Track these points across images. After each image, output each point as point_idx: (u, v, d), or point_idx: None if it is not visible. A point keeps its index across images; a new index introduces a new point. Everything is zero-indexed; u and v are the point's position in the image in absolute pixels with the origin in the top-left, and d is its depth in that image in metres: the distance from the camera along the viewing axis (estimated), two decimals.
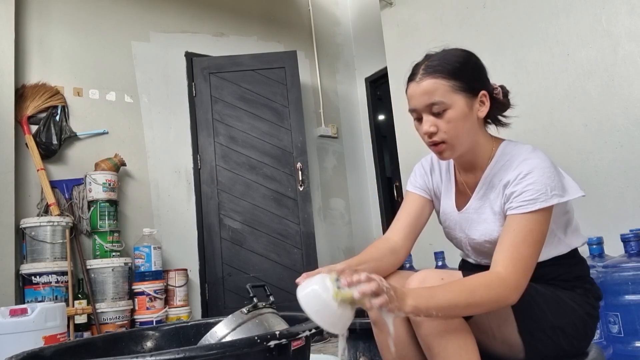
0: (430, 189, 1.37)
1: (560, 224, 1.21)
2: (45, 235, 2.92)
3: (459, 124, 1.15)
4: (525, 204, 1.09)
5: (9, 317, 2.19)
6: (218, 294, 3.66)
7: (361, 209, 4.64)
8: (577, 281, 1.22)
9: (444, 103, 1.14)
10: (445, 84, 1.14)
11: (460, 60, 1.18)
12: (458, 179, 1.32)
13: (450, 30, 3.25)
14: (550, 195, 1.08)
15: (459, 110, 1.15)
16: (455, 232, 1.32)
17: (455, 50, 1.22)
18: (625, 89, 2.42)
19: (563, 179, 1.15)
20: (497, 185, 1.19)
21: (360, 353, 1.63)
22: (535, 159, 1.13)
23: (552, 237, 1.19)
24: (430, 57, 1.21)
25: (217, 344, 1.09)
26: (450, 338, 1.07)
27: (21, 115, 3.15)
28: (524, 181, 1.11)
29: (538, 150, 1.17)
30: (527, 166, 1.12)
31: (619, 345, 1.87)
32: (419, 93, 1.16)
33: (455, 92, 1.15)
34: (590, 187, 2.52)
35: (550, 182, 1.10)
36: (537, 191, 1.09)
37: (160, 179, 3.67)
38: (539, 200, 1.08)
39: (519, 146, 1.20)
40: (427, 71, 1.17)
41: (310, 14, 4.70)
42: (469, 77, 1.17)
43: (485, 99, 1.19)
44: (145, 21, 3.80)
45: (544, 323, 1.14)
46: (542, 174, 1.10)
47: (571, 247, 1.22)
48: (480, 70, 1.22)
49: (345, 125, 4.72)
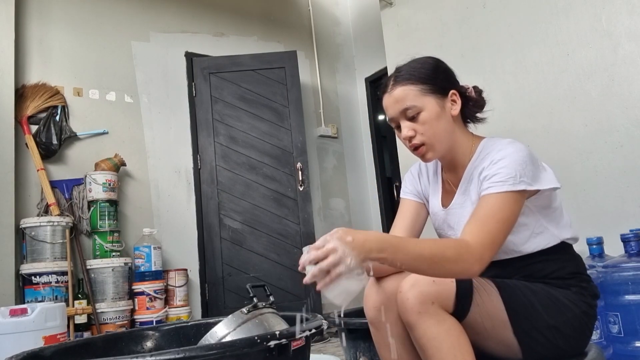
0: (420, 192, 1.42)
1: (552, 219, 1.24)
2: (45, 235, 2.92)
3: (433, 123, 1.22)
4: (494, 185, 1.13)
5: (9, 317, 2.19)
6: (218, 294, 3.66)
7: (361, 209, 4.65)
8: (571, 279, 1.23)
9: (415, 106, 1.21)
10: (414, 89, 1.22)
11: (426, 66, 1.25)
12: (444, 179, 1.36)
13: (450, 30, 3.25)
14: (519, 181, 1.11)
15: (431, 111, 1.22)
16: (444, 231, 1.35)
17: (422, 58, 1.29)
18: (625, 89, 2.42)
19: (541, 171, 1.18)
20: (476, 176, 1.23)
21: (360, 353, 1.63)
22: (510, 148, 1.17)
23: (542, 230, 1.22)
24: (399, 68, 1.28)
25: (217, 344, 1.09)
26: (444, 339, 1.08)
27: (21, 115, 3.15)
28: (495, 165, 1.15)
29: (517, 143, 1.20)
30: (501, 154, 1.17)
31: (619, 345, 1.87)
32: (392, 102, 1.24)
33: (425, 94, 1.22)
34: (590, 187, 2.52)
35: (521, 169, 1.12)
36: (506, 174, 1.12)
37: (160, 179, 3.67)
38: (507, 183, 1.11)
39: (498, 140, 1.24)
40: (396, 81, 1.25)
41: (310, 14, 4.70)
42: (437, 80, 1.24)
43: (456, 97, 1.26)
44: (145, 21, 3.80)
45: (539, 323, 1.14)
46: (514, 160, 1.14)
47: (561, 238, 1.24)
48: (448, 72, 1.29)
49: (345, 125, 4.72)
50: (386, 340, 1.26)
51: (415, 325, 1.11)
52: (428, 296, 1.11)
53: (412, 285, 1.13)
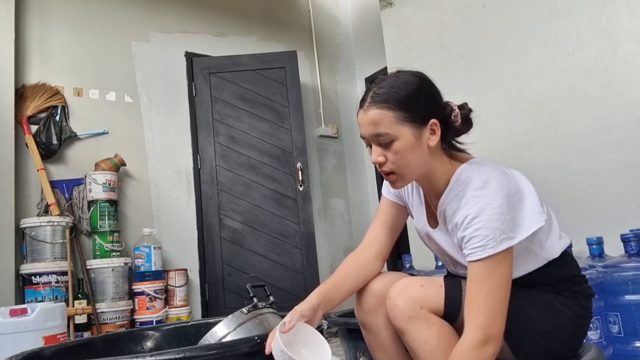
0: (403, 197, 1.36)
1: (536, 241, 1.15)
2: (45, 235, 2.92)
3: (406, 154, 1.12)
4: (474, 251, 1.05)
5: (9, 317, 2.19)
6: (218, 294, 3.66)
7: (361, 209, 4.64)
8: (563, 284, 1.18)
9: (389, 135, 1.11)
10: (390, 115, 1.10)
11: (409, 88, 1.13)
12: (427, 200, 1.29)
13: (450, 30, 3.25)
14: (499, 240, 1.03)
15: (405, 141, 1.11)
16: (431, 245, 1.33)
17: (405, 76, 1.16)
18: (625, 89, 2.42)
19: (519, 216, 1.07)
20: (450, 220, 1.15)
21: (360, 353, 1.63)
22: (483, 197, 1.06)
23: (528, 254, 1.15)
24: (380, 82, 1.16)
25: (217, 344, 1.09)
26: (435, 342, 1.10)
27: (21, 115, 3.15)
28: (470, 226, 1.06)
29: (491, 183, 1.07)
30: (475, 208, 1.06)
31: (619, 345, 1.87)
32: (366, 122, 1.14)
33: (401, 123, 1.10)
34: (590, 187, 2.52)
35: (500, 225, 1.03)
36: (484, 237, 1.04)
37: (160, 179, 3.67)
38: (487, 246, 1.03)
39: (474, 172, 1.12)
40: (374, 99, 1.13)
41: (310, 14, 4.69)
42: (417, 107, 1.12)
43: (436, 127, 1.14)
44: (145, 21, 3.80)
45: (529, 327, 1.12)
46: (490, 218, 1.04)
47: (548, 259, 1.17)
48: (431, 97, 1.16)
49: (345, 125, 4.72)
50: (379, 342, 1.26)
51: (405, 331, 1.12)
52: (417, 301, 1.11)
53: (400, 291, 1.13)
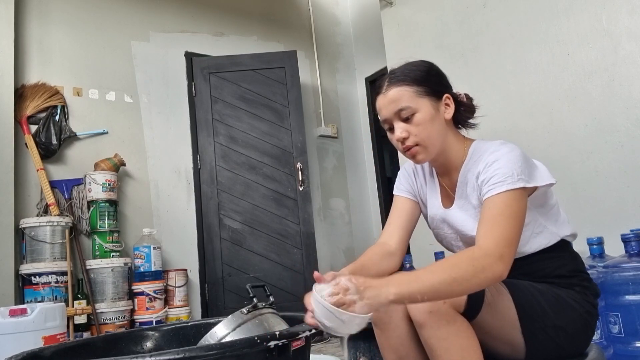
0: (416, 191, 1.41)
1: (550, 217, 1.24)
2: (45, 236, 2.92)
3: (427, 125, 1.22)
4: (493, 187, 1.13)
5: (9, 317, 2.19)
6: (218, 294, 3.66)
7: (361, 209, 4.64)
8: (573, 277, 1.23)
9: (410, 107, 1.22)
10: (409, 90, 1.22)
11: (421, 68, 1.26)
12: (441, 182, 1.36)
13: (450, 30, 3.25)
14: (517, 179, 1.11)
15: (426, 112, 1.22)
16: (444, 231, 1.35)
17: (416, 61, 1.30)
18: (625, 89, 2.42)
19: (535, 169, 1.18)
20: (471, 179, 1.23)
21: (361, 353, 1.63)
22: (502, 149, 1.18)
23: (542, 229, 1.23)
24: (393, 70, 1.29)
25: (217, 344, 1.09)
26: (454, 340, 1.07)
27: (21, 115, 3.15)
28: (491, 168, 1.15)
29: (508, 143, 1.20)
30: (494, 156, 1.17)
31: (619, 345, 1.87)
32: (387, 102, 1.24)
33: (420, 96, 1.22)
34: (590, 187, 2.52)
35: (517, 168, 1.13)
36: (503, 174, 1.12)
37: (160, 179, 3.66)
38: (505, 182, 1.11)
39: (489, 142, 1.25)
40: (391, 82, 1.25)
41: (310, 14, 4.69)
42: (432, 82, 1.25)
43: (450, 101, 1.27)
44: (145, 21, 3.80)
45: (546, 322, 1.14)
46: (508, 160, 1.14)
47: (560, 235, 1.24)
48: (442, 76, 1.30)
49: (345, 125, 4.72)
50: (390, 342, 1.25)
51: (424, 324, 1.10)
52: None
53: None
